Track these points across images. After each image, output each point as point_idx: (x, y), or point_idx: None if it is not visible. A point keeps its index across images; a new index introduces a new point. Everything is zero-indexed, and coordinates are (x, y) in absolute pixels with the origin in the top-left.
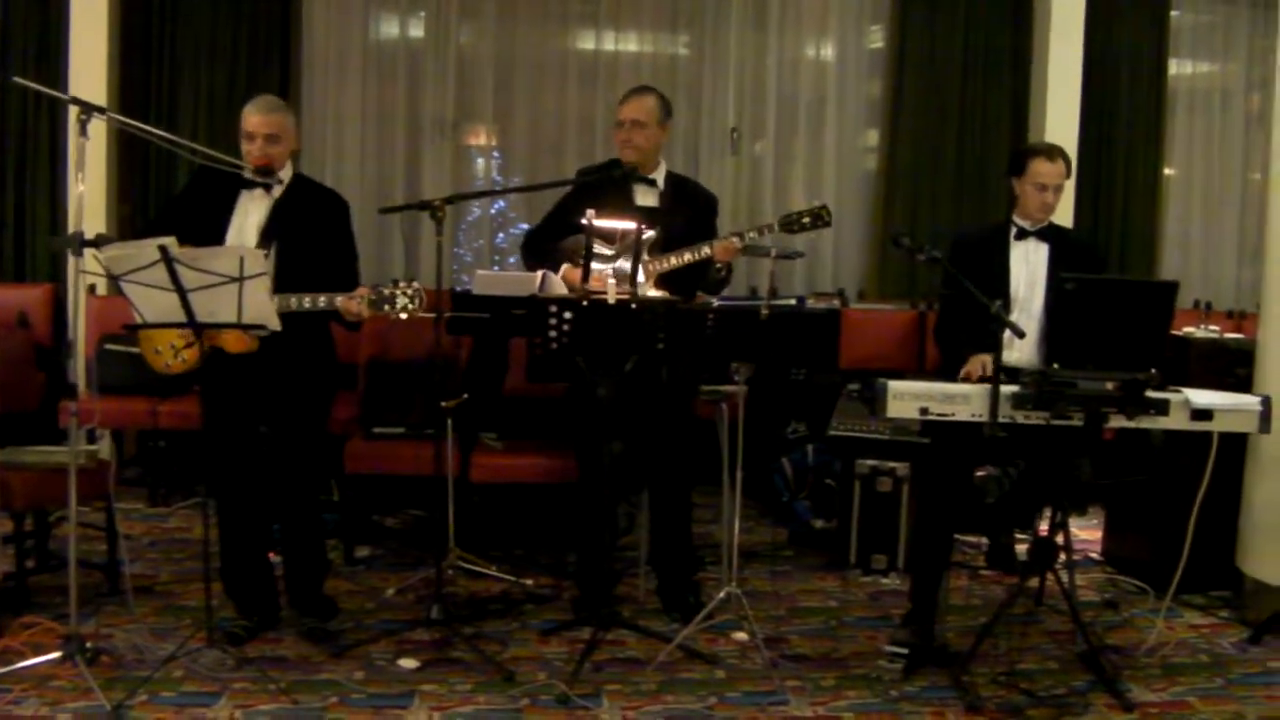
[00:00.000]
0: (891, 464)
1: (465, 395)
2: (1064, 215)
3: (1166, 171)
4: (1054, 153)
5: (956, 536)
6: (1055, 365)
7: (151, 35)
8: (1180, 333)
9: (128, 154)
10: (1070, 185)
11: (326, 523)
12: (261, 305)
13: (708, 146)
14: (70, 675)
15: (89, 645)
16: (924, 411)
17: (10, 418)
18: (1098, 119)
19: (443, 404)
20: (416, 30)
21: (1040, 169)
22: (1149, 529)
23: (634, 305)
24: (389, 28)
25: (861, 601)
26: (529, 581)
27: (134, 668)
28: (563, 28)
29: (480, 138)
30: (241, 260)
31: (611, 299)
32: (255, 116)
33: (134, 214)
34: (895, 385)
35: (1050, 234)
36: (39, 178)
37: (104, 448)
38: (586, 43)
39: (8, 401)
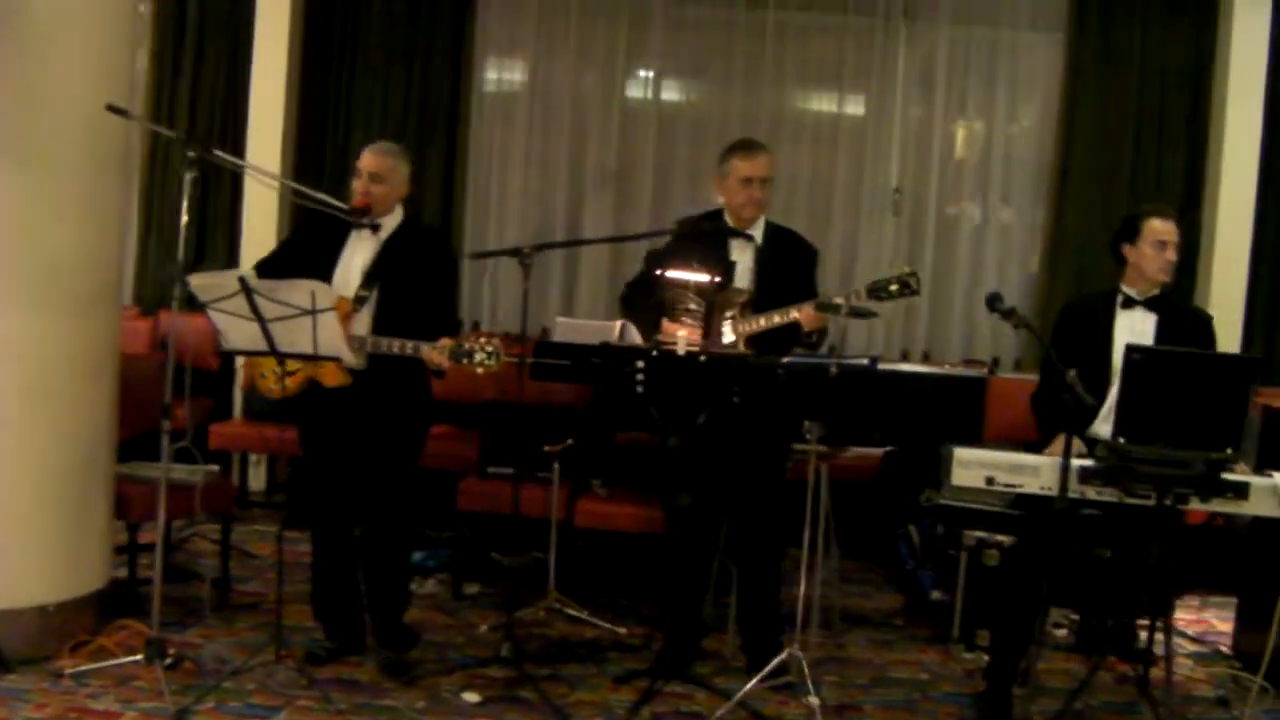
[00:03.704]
0: (999, 536)
1: (570, 440)
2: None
3: None
4: (1166, 211)
5: (1071, 615)
6: (1121, 440)
7: (329, 91)
8: None
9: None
10: (1244, 260)
11: (411, 558)
12: (334, 338)
13: (869, 206)
14: (149, 677)
15: (172, 651)
16: (990, 481)
17: (148, 436)
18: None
19: (545, 448)
20: (584, 82)
21: (1157, 226)
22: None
23: (702, 358)
24: (558, 78)
25: (955, 676)
26: (622, 630)
27: (212, 676)
28: (726, 83)
29: (642, 188)
30: (313, 294)
31: (681, 350)
32: (367, 155)
33: None
34: (961, 453)
35: (1160, 304)
36: (219, 217)
37: (256, 472)
38: (751, 98)
39: (143, 421)
